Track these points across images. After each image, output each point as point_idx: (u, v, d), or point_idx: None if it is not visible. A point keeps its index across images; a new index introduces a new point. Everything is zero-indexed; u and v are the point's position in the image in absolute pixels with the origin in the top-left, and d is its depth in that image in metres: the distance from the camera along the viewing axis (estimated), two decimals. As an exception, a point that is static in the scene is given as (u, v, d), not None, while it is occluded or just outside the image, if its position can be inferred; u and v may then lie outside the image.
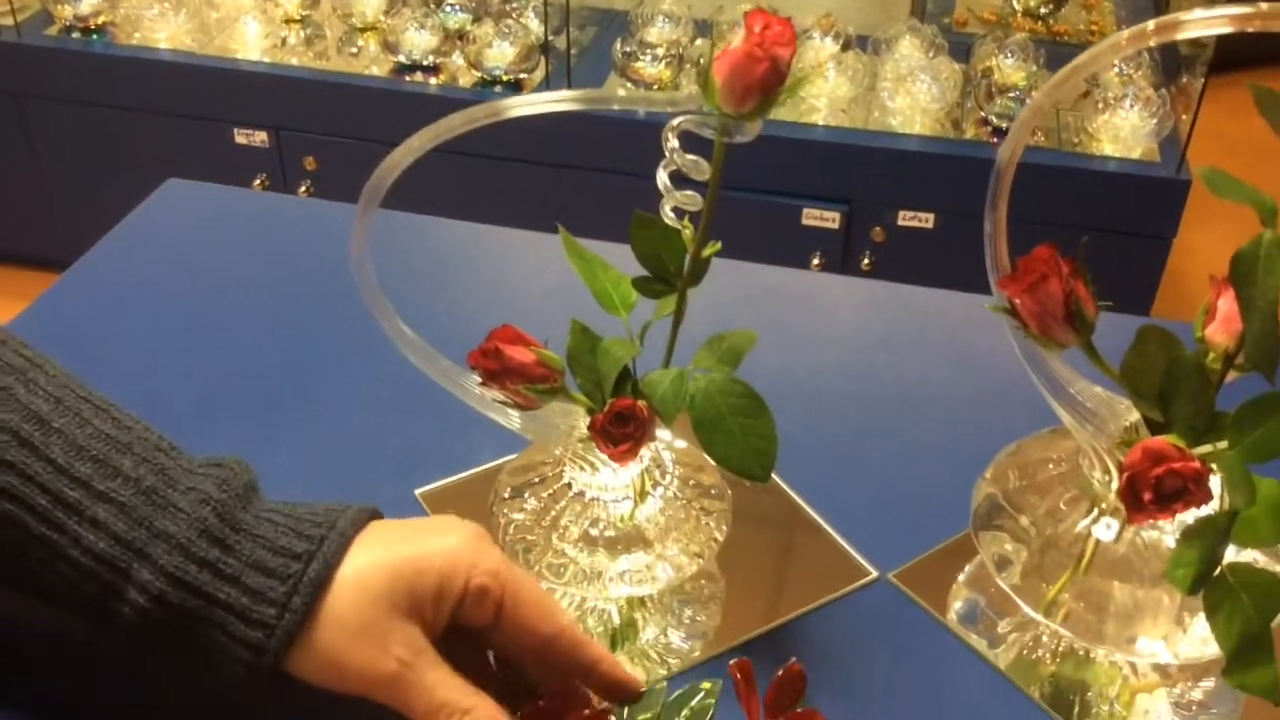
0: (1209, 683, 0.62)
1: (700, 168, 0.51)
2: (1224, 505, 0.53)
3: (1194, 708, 0.60)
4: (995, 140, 1.72)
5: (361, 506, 0.53)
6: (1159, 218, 1.68)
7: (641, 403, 0.56)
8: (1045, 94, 0.54)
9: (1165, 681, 0.62)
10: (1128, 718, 0.60)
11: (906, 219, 1.76)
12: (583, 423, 0.59)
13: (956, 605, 0.65)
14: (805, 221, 1.78)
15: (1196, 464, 0.51)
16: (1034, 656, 0.62)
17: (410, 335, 0.58)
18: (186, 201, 0.97)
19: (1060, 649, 0.63)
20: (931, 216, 1.75)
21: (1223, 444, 0.53)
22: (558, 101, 0.52)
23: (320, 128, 1.91)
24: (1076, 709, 0.59)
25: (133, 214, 0.94)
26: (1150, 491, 0.51)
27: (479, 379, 0.56)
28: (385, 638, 0.49)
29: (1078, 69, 0.53)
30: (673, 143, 0.51)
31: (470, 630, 0.52)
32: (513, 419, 0.60)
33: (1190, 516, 0.53)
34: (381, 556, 0.50)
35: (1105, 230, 1.63)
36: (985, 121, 1.74)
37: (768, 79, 0.50)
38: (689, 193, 0.52)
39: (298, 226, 0.95)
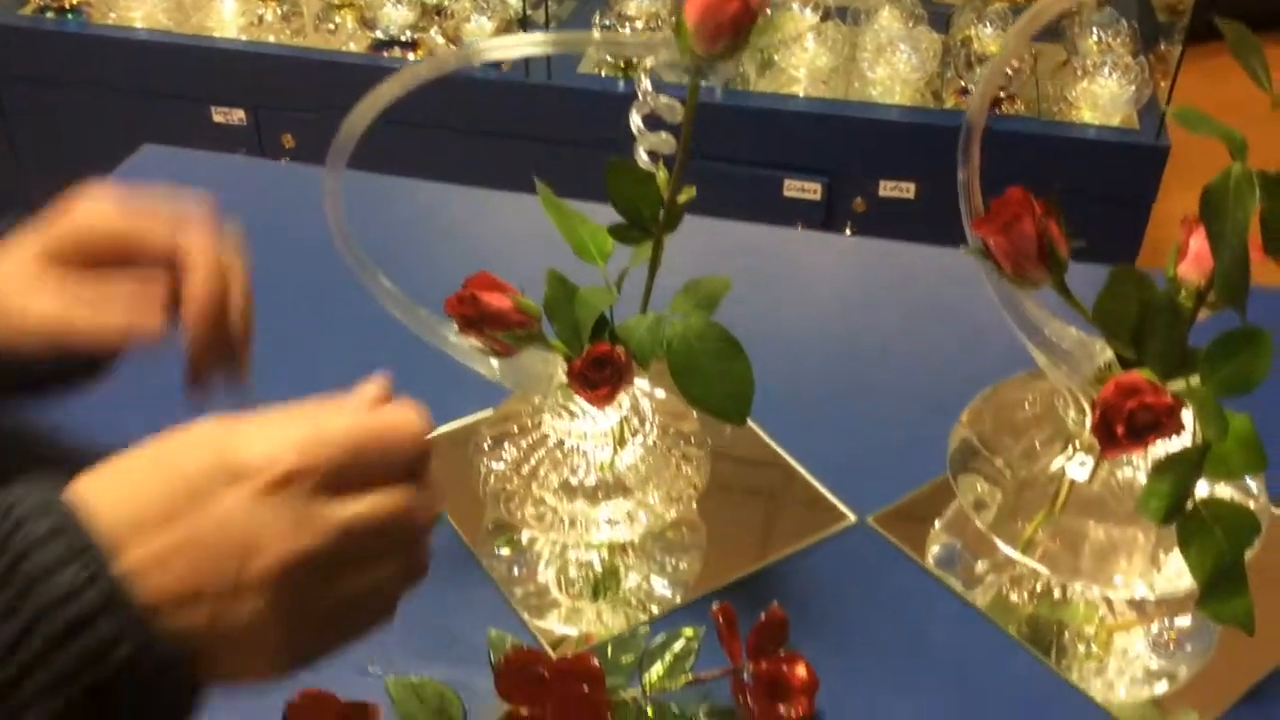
0: (1185, 620, 0.62)
1: (674, 110, 0.52)
2: (1196, 439, 0.53)
3: (1171, 645, 0.61)
4: (975, 109, 1.72)
5: None
6: (1138, 184, 1.68)
7: (619, 348, 0.56)
8: (1016, 35, 0.54)
9: (1142, 620, 0.62)
10: (1105, 656, 0.60)
11: (888, 189, 1.76)
12: (561, 370, 0.59)
13: (934, 549, 0.65)
14: (786, 193, 1.78)
15: (1169, 397, 0.52)
16: (1012, 598, 0.63)
17: (389, 287, 0.58)
18: (163, 168, 0.96)
19: (1038, 589, 0.63)
20: (912, 186, 1.75)
21: (1195, 380, 0.54)
22: (527, 45, 0.52)
23: (298, 105, 1.90)
24: (1054, 649, 0.60)
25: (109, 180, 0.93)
26: (1123, 425, 0.52)
27: (457, 327, 0.56)
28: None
29: (1047, 6, 0.53)
30: (645, 84, 0.51)
31: None
32: (491, 367, 0.60)
33: (1163, 450, 0.54)
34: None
35: (1085, 197, 1.64)
36: (965, 91, 1.74)
37: (739, 18, 0.50)
38: (663, 135, 0.52)
39: (275, 190, 0.95)
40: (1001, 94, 1.71)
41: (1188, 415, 0.53)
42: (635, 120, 0.52)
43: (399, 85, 0.52)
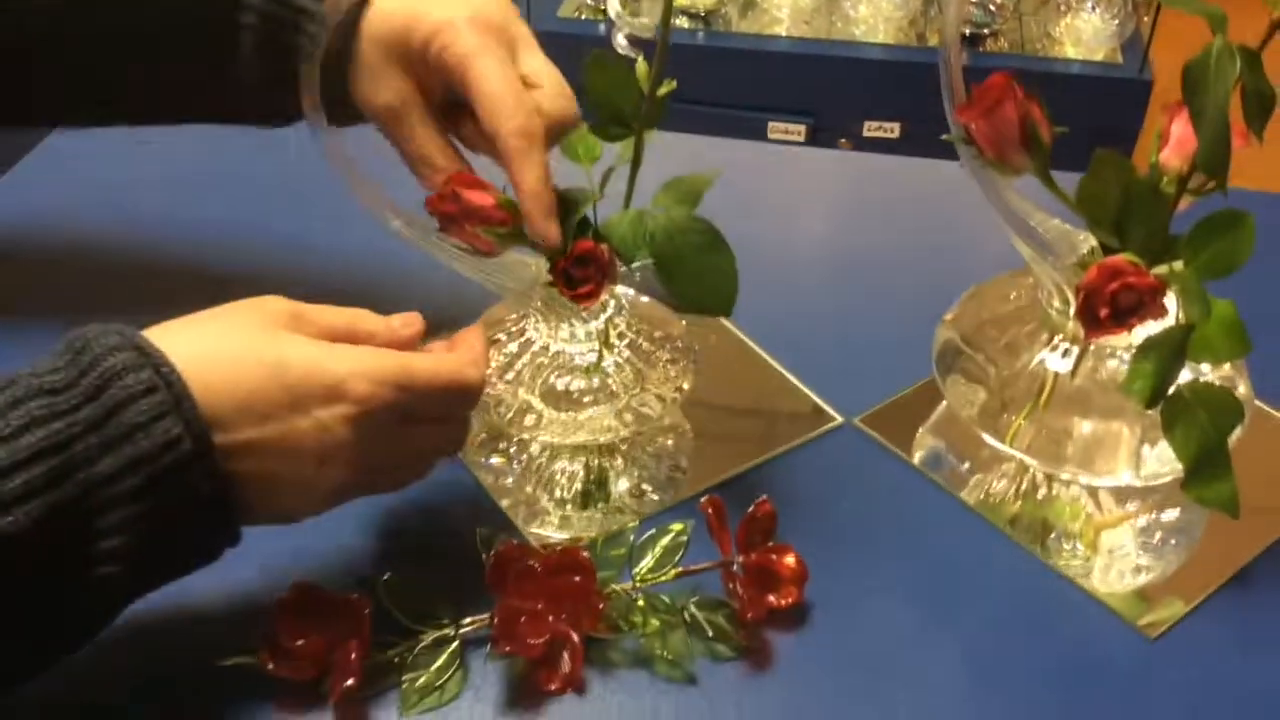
0: (1170, 514, 0.63)
1: (650, 26, 0.51)
2: (1180, 322, 0.54)
3: (1156, 540, 0.62)
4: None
5: None
6: (1122, 119, 1.68)
7: (603, 245, 0.56)
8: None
9: (1127, 516, 0.63)
10: (1092, 554, 0.61)
11: (872, 129, 1.76)
12: (545, 270, 0.59)
13: (919, 453, 0.65)
14: (770, 135, 1.78)
15: (1152, 278, 0.52)
16: (997, 497, 0.63)
17: (374, 186, 0.58)
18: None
19: (1023, 488, 0.63)
20: (897, 126, 1.75)
21: (1178, 265, 0.54)
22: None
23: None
24: (1041, 547, 0.60)
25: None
26: (1107, 307, 0.52)
27: (437, 225, 0.56)
28: (382, 79, 0.56)
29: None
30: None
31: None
32: (472, 268, 0.59)
33: (1146, 333, 0.54)
34: (393, 7, 0.56)
35: (1069, 132, 1.64)
36: (948, 28, 1.74)
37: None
38: (642, 19, 0.51)
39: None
40: (985, 31, 1.71)
41: (1171, 301, 0.54)
42: (614, 5, 0.51)
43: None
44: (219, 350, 0.47)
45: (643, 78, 0.54)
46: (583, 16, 1.77)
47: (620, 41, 0.53)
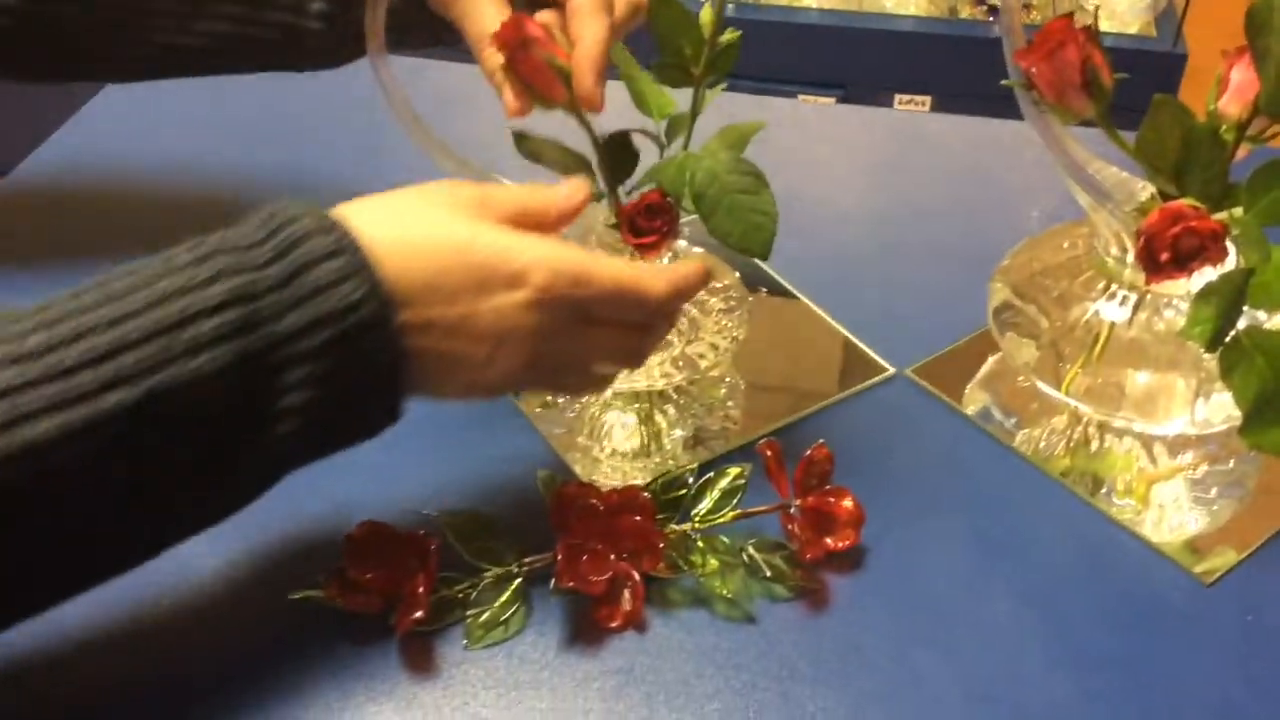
0: (1222, 466, 0.63)
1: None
2: (1239, 266, 0.54)
3: (1210, 491, 0.62)
4: (991, 20, 1.70)
5: None
6: (1156, 92, 1.67)
7: (669, 198, 0.56)
8: None
9: (1180, 468, 0.63)
10: (1144, 507, 0.61)
11: (903, 102, 1.75)
12: (603, 216, 0.60)
13: (970, 408, 0.66)
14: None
15: (1213, 222, 0.52)
16: (1049, 450, 0.63)
17: (438, 139, 0.58)
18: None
19: (1075, 439, 0.64)
20: (928, 100, 1.74)
21: (1237, 211, 0.54)
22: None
23: None
24: (1093, 499, 0.61)
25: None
26: (1168, 251, 0.52)
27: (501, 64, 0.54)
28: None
29: None
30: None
31: None
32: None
33: (1206, 279, 0.54)
34: None
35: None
36: (980, 1, 1.73)
37: None
38: (707, -40, 0.52)
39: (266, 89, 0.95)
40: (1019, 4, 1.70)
41: (1230, 246, 0.54)
42: (679, -54, 0.51)
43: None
44: (408, 228, 0.47)
45: (705, 24, 0.54)
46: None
47: (685, -14, 0.54)
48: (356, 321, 0.44)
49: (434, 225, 0.47)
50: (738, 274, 0.66)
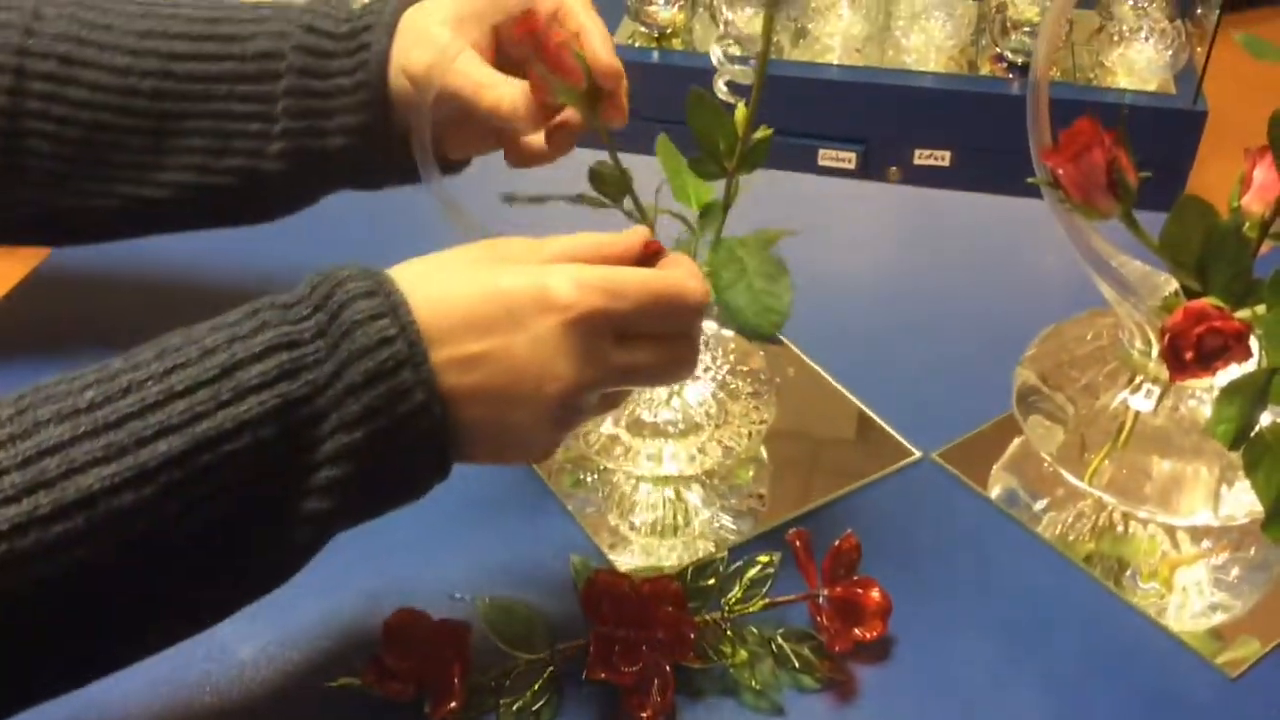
0: (1246, 554, 0.63)
1: (754, 41, 0.53)
2: (1262, 365, 0.54)
3: (1232, 579, 0.62)
4: (1011, 77, 1.72)
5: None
6: (1176, 150, 1.68)
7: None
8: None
9: (1204, 554, 0.64)
10: (1167, 591, 0.62)
11: (923, 158, 1.77)
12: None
13: (995, 490, 0.66)
14: (821, 162, 1.79)
15: (1237, 322, 0.53)
16: (1073, 534, 0.64)
17: (473, 217, 0.59)
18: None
19: (1099, 524, 0.64)
20: (948, 154, 1.76)
21: (1261, 308, 0.55)
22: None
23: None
24: (1116, 584, 0.61)
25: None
26: (1192, 350, 0.53)
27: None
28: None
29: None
30: (726, 14, 0.52)
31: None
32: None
33: (1229, 378, 0.55)
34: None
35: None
36: (1000, 58, 1.75)
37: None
38: (743, 67, 0.53)
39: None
40: (1037, 61, 1.72)
41: (1254, 343, 0.55)
42: (715, 52, 0.53)
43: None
44: (444, 278, 0.48)
45: (740, 122, 0.56)
46: (636, 44, 1.80)
47: (721, 88, 0.55)
48: (389, 357, 0.44)
49: (469, 273, 0.48)
50: (763, 355, 0.67)
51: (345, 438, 0.44)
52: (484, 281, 0.47)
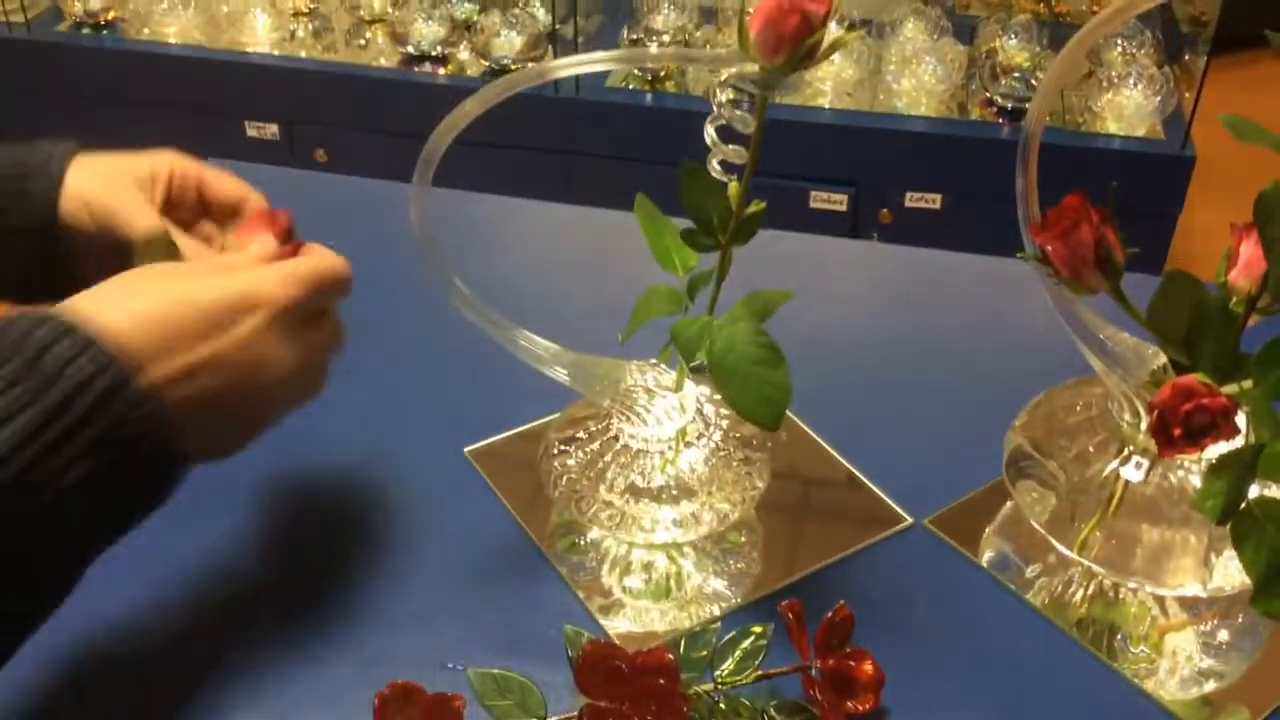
0: (1235, 621, 0.64)
1: (748, 121, 0.54)
2: (1249, 440, 0.55)
3: (1222, 645, 0.63)
4: (1001, 121, 1.74)
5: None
6: (1164, 195, 1.70)
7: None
8: (1077, 42, 0.56)
9: (1193, 621, 0.64)
10: (1157, 657, 0.62)
11: (914, 200, 1.78)
12: (629, 376, 0.61)
13: (987, 555, 0.67)
14: (813, 204, 1.81)
15: (1224, 399, 0.54)
16: (1064, 599, 0.64)
17: (464, 290, 0.60)
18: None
19: (1090, 592, 0.65)
20: (939, 197, 1.77)
21: (1248, 383, 0.56)
22: (600, 61, 0.54)
23: (331, 119, 1.92)
24: (1107, 650, 0.62)
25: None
26: (1180, 427, 0.54)
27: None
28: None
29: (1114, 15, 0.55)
30: (721, 96, 0.53)
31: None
32: (560, 373, 0.62)
33: (1218, 452, 0.55)
34: (98, 166, 0.62)
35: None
36: (990, 102, 1.77)
37: (799, 31, 0.51)
38: (736, 147, 0.54)
39: (319, 199, 0.97)
40: (1026, 105, 1.73)
41: (1241, 418, 0.55)
42: (709, 132, 0.54)
43: (480, 102, 0.54)
44: (134, 298, 0.50)
45: (734, 197, 0.56)
46: (630, 86, 1.81)
47: (714, 166, 0.56)
48: (98, 393, 0.46)
49: (159, 288, 0.51)
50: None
51: (81, 470, 0.45)
52: (178, 294, 0.51)
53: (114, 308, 0.49)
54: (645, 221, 0.62)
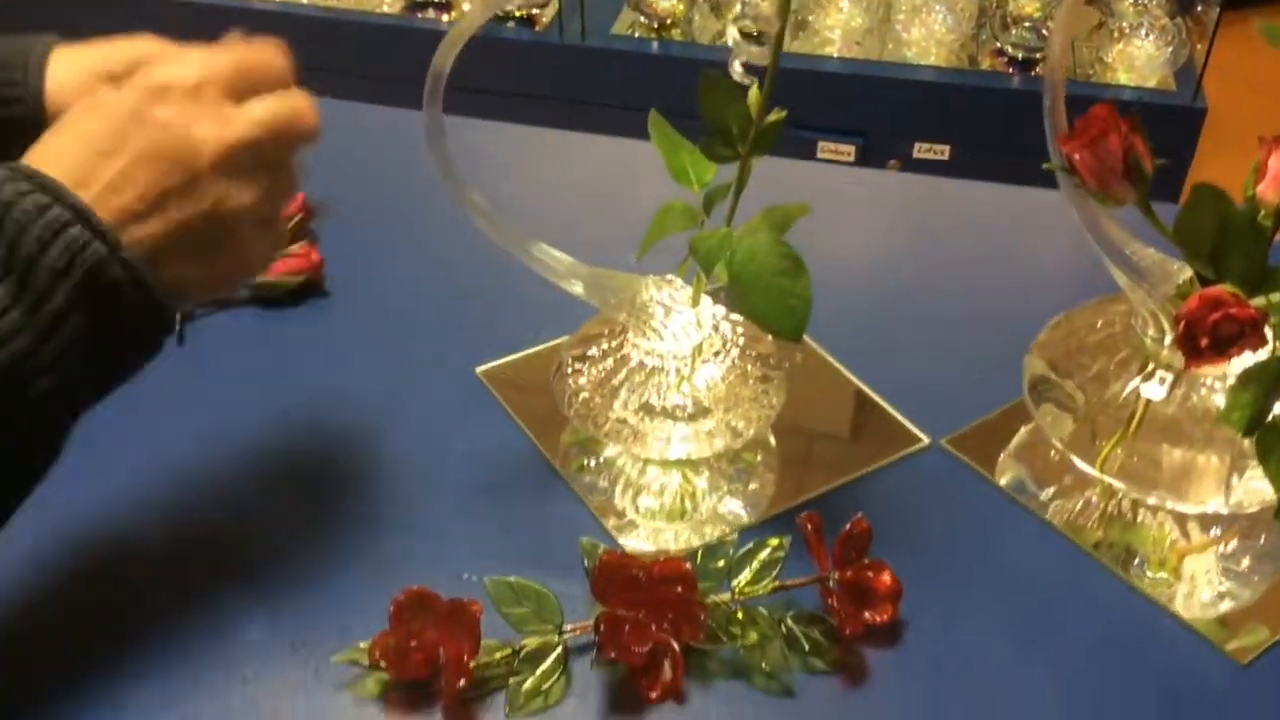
0: (1256, 543, 0.63)
1: (772, 23, 0.53)
2: (1276, 353, 0.54)
3: (1242, 567, 0.62)
4: (1012, 71, 1.72)
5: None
6: (1176, 146, 1.68)
7: None
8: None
9: (1213, 542, 0.63)
10: (1176, 580, 0.62)
11: (922, 151, 1.77)
12: (645, 290, 0.61)
13: (1005, 476, 0.66)
14: (821, 154, 1.79)
15: (1253, 309, 0.53)
16: (1082, 522, 0.64)
17: (481, 203, 0.59)
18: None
19: (1108, 512, 0.64)
20: (947, 148, 1.76)
21: (1276, 296, 0.55)
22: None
23: (334, 67, 1.90)
24: (1124, 572, 0.61)
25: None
26: (1207, 337, 0.53)
27: None
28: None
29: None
30: (732, 32, 0.52)
31: None
32: (576, 287, 0.61)
33: (1241, 366, 0.55)
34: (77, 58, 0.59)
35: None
36: (1001, 52, 1.74)
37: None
38: (759, 48, 0.53)
39: (329, 124, 0.96)
40: (1037, 55, 1.71)
41: (1268, 330, 0.54)
42: (732, 32, 0.53)
43: (483, 6, 0.53)
44: (53, 132, 0.49)
45: (754, 105, 0.55)
46: (636, 34, 1.79)
47: (736, 69, 0.55)
48: (47, 223, 0.45)
49: (77, 117, 0.49)
50: (772, 340, 0.66)
51: (49, 305, 0.44)
52: (83, 115, 0.49)
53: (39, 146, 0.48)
54: (660, 137, 0.61)
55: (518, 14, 1.84)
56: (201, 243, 0.50)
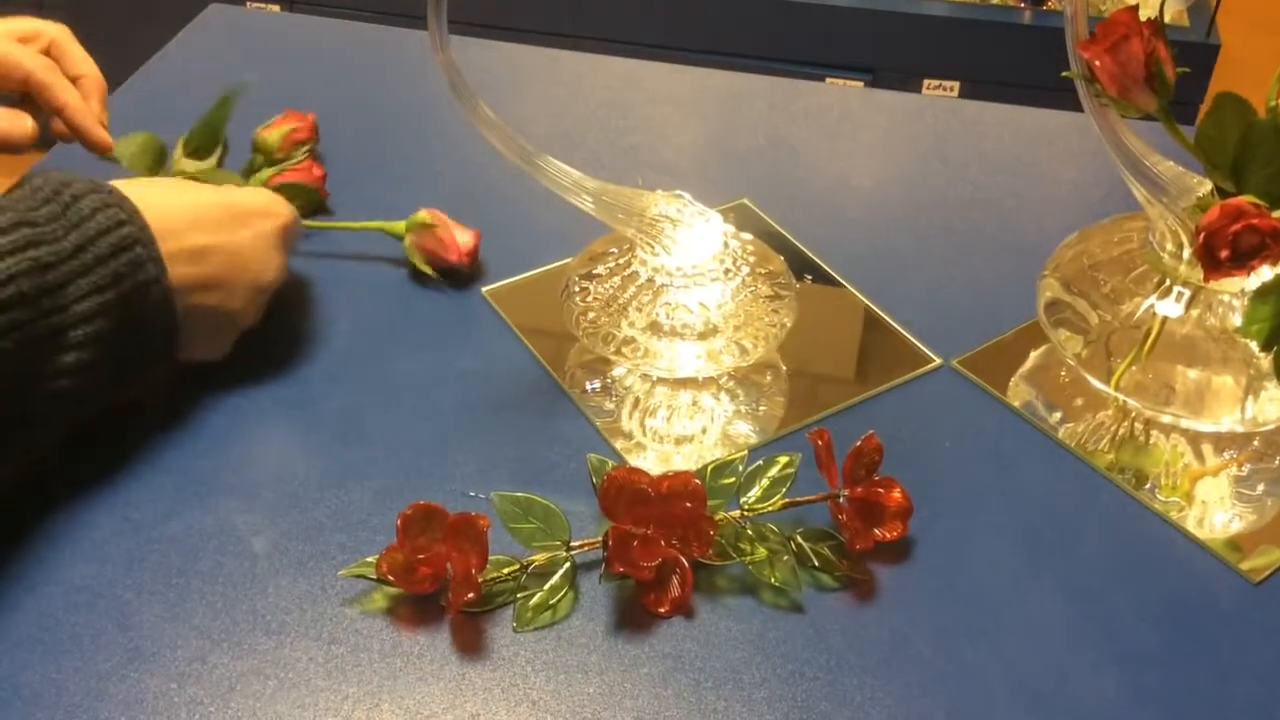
0: (1271, 465, 0.63)
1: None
2: (1298, 266, 0.53)
3: (1256, 489, 0.62)
4: (1022, 5, 1.69)
5: None
6: (1188, 82, 1.66)
7: None
8: None
9: (1226, 464, 0.63)
10: (1188, 503, 0.61)
11: (931, 88, 1.74)
12: (655, 205, 0.59)
13: (1016, 400, 0.65)
14: (828, 91, 1.76)
15: (1274, 219, 0.52)
16: (1094, 445, 0.63)
17: (491, 116, 0.58)
18: (229, 27, 0.96)
19: (1120, 434, 0.64)
20: (957, 85, 1.73)
21: (1297, 210, 0.54)
22: None
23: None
24: (1137, 493, 0.61)
25: (171, 44, 0.93)
26: (1228, 249, 0.52)
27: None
28: None
29: None
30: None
31: None
32: (585, 201, 0.60)
33: (1263, 278, 0.54)
34: None
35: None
36: (1011, -13, 1.71)
37: None
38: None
39: (342, 48, 0.95)
40: (1050, -10, 1.68)
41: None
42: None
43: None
44: (168, 187, 0.59)
45: None
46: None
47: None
48: (127, 235, 0.52)
49: (190, 189, 0.59)
50: (783, 259, 0.65)
51: (98, 299, 0.51)
52: (209, 193, 0.59)
53: (151, 190, 0.56)
54: None
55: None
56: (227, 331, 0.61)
